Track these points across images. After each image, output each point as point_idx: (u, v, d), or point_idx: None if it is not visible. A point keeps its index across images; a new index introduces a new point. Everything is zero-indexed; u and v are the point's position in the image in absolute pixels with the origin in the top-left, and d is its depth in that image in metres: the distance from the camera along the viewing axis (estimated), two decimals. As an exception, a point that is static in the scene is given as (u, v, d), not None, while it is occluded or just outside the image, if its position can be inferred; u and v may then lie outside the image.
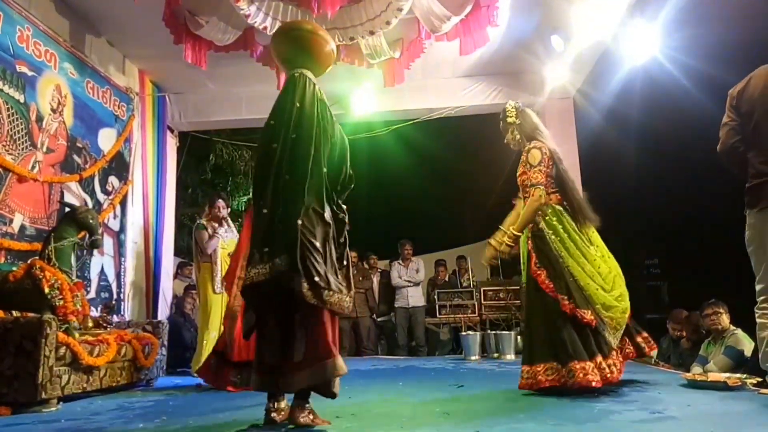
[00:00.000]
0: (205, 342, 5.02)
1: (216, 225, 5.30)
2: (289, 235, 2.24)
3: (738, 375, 3.25)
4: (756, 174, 2.78)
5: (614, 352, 3.09)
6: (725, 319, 4.14)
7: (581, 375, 2.89)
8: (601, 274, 3.24)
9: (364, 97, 6.23)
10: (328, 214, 2.36)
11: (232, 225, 5.57)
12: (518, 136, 3.55)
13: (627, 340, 3.32)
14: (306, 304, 2.21)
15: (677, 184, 7.96)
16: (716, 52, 4.93)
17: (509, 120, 3.56)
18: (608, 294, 3.19)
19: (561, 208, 3.30)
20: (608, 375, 2.97)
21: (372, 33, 4.84)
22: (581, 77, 6.00)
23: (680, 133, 6.84)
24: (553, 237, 3.20)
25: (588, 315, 3.01)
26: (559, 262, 3.12)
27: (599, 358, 2.97)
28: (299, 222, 2.25)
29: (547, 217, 3.26)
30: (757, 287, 2.80)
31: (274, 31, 3.09)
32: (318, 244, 2.27)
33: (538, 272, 3.16)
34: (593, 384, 2.86)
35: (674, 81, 5.22)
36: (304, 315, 2.25)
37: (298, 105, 2.53)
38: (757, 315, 2.80)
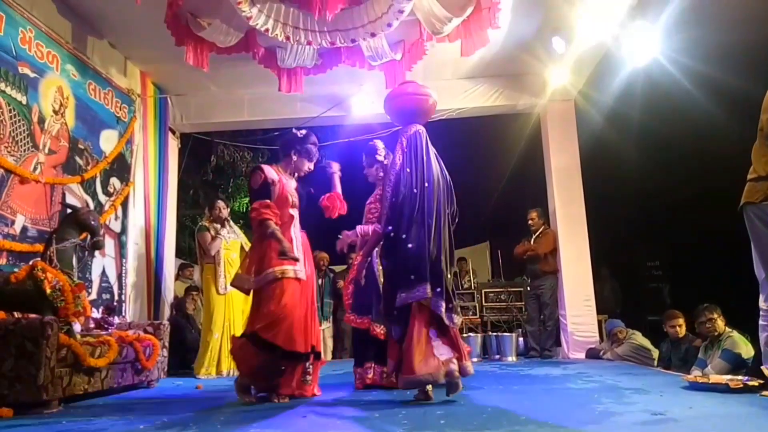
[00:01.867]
0: (209, 343, 5.03)
1: (218, 226, 5.32)
2: (438, 267, 2.99)
3: (740, 377, 3.25)
4: None
5: None
6: (720, 324, 4.14)
7: None
8: None
9: (365, 99, 6.24)
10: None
11: (234, 226, 5.58)
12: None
13: None
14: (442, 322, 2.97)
15: (678, 185, 7.96)
16: (718, 54, 4.92)
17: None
18: None
19: None
20: None
21: (373, 35, 4.84)
22: (582, 79, 6.01)
23: (682, 136, 6.84)
24: None
25: None
26: None
27: None
28: (442, 257, 3.02)
29: None
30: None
31: (389, 96, 3.57)
32: (450, 277, 3.10)
33: None
34: None
35: (676, 83, 5.22)
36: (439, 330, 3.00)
37: (425, 158, 3.18)
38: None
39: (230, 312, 5.17)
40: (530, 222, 6.34)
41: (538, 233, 6.29)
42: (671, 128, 6.79)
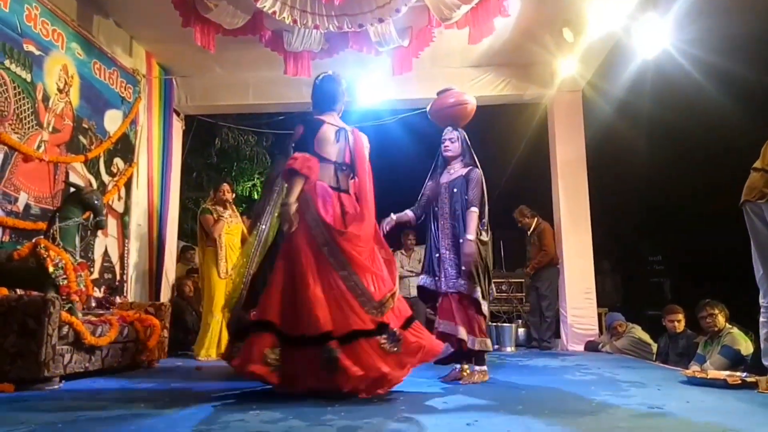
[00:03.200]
0: (210, 326, 5.05)
1: (221, 209, 5.31)
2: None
3: (738, 373, 3.25)
4: None
5: None
6: (721, 319, 4.13)
7: None
8: None
9: (371, 85, 6.19)
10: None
11: (235, 210, 5.58)
12: None
13: None
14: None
15: (684, 180, 7.92)
16: (729, 46, 4.87)
17: None
18: None
19: None
20: None
21: (381, 20, 4.79)
22: (591, 70, 5.94)
23: (691, 128, 6.79)
24: None
25: None
26: None
27: None
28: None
29: None
30: None
31: (434, 108, 3.86)
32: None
33: None
34: None
35: (686, 74, 5.17)
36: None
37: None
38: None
39: (231, 295, 5.20)
40: (520, 224, 6.34)
41: (532, 230, 6.27)
42: (680, 121, 6.75)
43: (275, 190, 3.44)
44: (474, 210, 3.48)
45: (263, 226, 3.36)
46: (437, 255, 3.58)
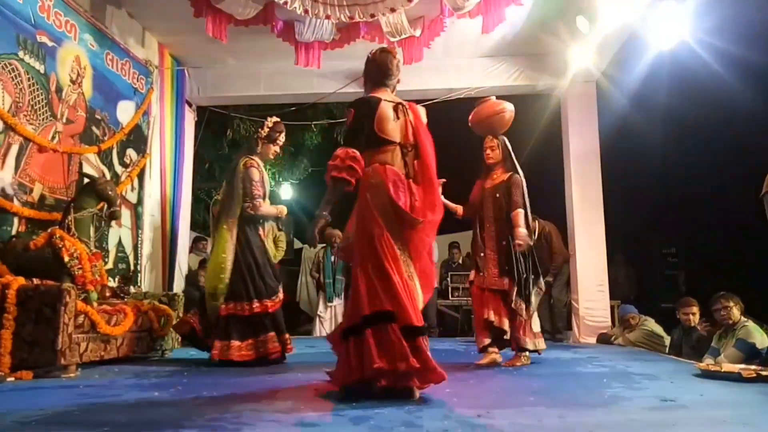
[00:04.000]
0: None
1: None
2: None
3: (753, 367, 3.21)
4: None
5: None
6: (736, 312, 4.08)
7: None
8: None
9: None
10: None
11: None
12: None
13: None
14: None
15: (700, 172, 7.81)
16: (750, 35, 4.76)
17: None
18: None
19: None
20: None
21: (393, 10, 4.76)
22: (606, 60, 5.86)
23: (708, 120, 6.68)
24: None
25: None
26: None
27: None
28: None
29: None
30: None
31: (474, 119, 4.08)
32: None
33: None
34: None
35: (704, 65, 5.07)
36: None
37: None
38: None
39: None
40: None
41: (538, 234, 6.13)
42: (696, 113, 6.64)
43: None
44: (520, 211, 3.75)
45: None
46: (482, 254, 3.87)
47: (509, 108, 3.98)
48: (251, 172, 3.97)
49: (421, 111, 2.86)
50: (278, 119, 4.21)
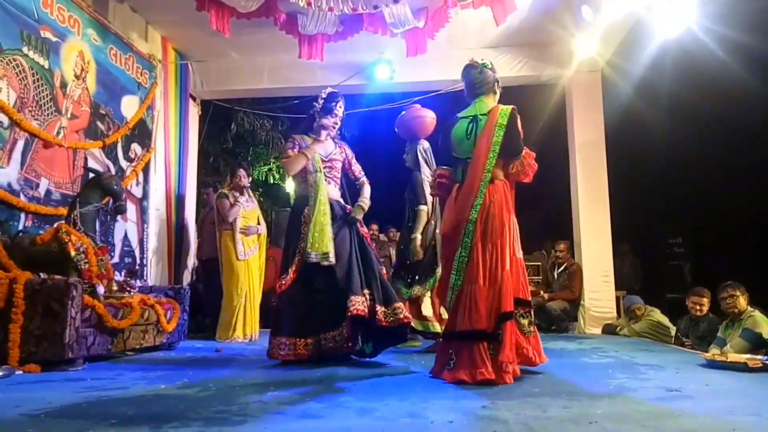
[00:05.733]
0: (235, 308, 5.12)
1: (237, 194, 5.35)
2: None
3: (759, 357, 3.20)
4: None
5: None
6: (742, 302, 4.06)
7: None
8: None
9: (386, 67, 6.14)
10: None
11: (252, 195, 5.62)
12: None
13: None
14: None
15: (706, 162, 7.76)
16: (756, 21, 4.69)
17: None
18: None
19: None
20: None
21: (396, 1, 4.74)
22: (610, 49, 5.81)
23: (714, 109, 6.62)
24: None
25: None
26: None
27: None
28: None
29: None
30: None
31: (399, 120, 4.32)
32: None
33: None
34: None
35: (709, 52, 5.01)
36: None
37: None
38: None
39: (250, 278, 5.26)
40: (558, 254, 6.26)
41: (563, 267, 6.19)
42: (702, 101, 6.58)
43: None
44: (422, 208, 4.17)
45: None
46: None
47: (430, 114, 4.30)
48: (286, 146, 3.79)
49: (499, 115, 2.96)
50: (333, 89, 3.93)
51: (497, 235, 2.78)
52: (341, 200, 3.72)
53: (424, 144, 4.35)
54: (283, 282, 3.48)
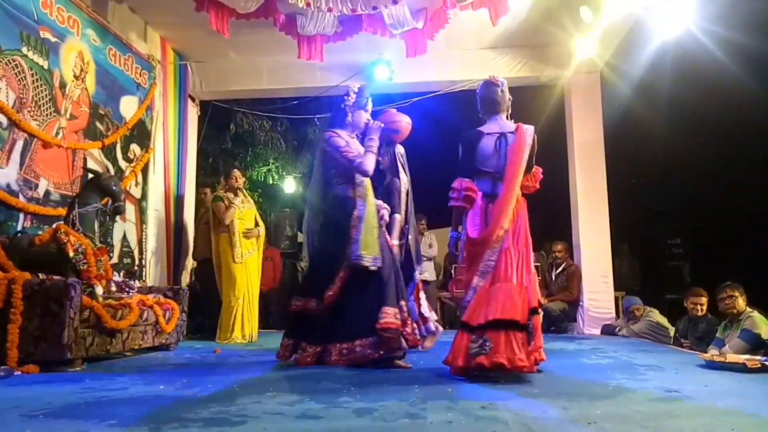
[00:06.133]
0: (233, 309, 5.12)
1: (231, 195, 5.36)
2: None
3: (758, 357, 3.21)
4: None
5: None
6: (741, 302, 4.07)
7: None
8: None
9: (385, 68, 6.15)
10: None
11: (246, 195, 5.62)
12: None
13: None
14: None
15: (705, 162, 7.77)
16: (755, 22, 4.70)
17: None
18: None
19: None
20: None
21: (395, 2, 4.74)
22: (609, 50, 5.81)
23: (713, 110, 6.63)
24: None
25: None
26: None
27: None
28: None
29: None
30: None
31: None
32: None
33: None
34: None
35: (708, 53, 5.02)
36: None
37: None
38: None
39: (248, 278, 5.25)
40: (556, 255, 6.27)
41: (561, 268, 6.20)
42: (701, 102, 6.59)
43: None
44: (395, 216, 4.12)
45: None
46: None
47: (406, 119, 4.35)
48: (335, 141, 3.56)
49: (526, 135, 3.14)
50: (362, 85, 3.93)
51: (523, 243, 3.05)
52: None
53: (400, 149, 4.33)
54: (331, 293, 3.36)
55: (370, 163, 3.49)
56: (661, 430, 1.85)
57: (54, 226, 3.65)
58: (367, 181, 3.54)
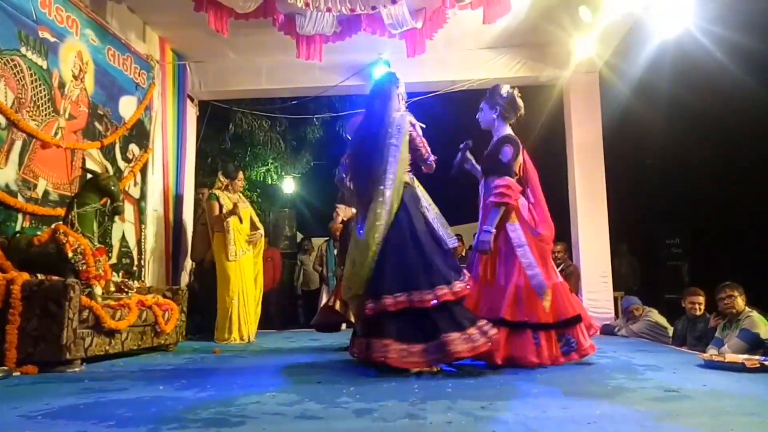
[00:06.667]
0: (228, 309, 5.11)
1: (230, 195, 5.35)
2: None
3: (757, 357, 3.21)
4: None
5: None
6: (740, 302, 4.07)
7: None
8: None
9: (384, 68, 6.14)
10: None
11: (241, 195, 5.62)
12: None
13: None
14: None
15: (704, 162, 7.78)
16: (754, 22, 4.70)
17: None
18: None
19: None
20: None
21: (394, 2, 4.74)
22: (609, 50, 5.82)
23: (712, 110, 6.63)
24: None
25: None
26: None
27: None
28: None
29: None
30: None
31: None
32: None
33: None
34: None
35: (707, 53, 5.03)
36: None
37: None
38: None
39: (243, 278, 5.24)
40: (556, 254, 6.26)
41: (560, 268, 6.20)
42: (700, 102, 6.59)
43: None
44: None
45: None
46: None
47: None
48: (418, 129, 3.40)
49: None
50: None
51: None
52: None
53: None
54: (468, 286, 3.13)
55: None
56: (661, 430, 1.85)
57: (53, 226, 3.65)
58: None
